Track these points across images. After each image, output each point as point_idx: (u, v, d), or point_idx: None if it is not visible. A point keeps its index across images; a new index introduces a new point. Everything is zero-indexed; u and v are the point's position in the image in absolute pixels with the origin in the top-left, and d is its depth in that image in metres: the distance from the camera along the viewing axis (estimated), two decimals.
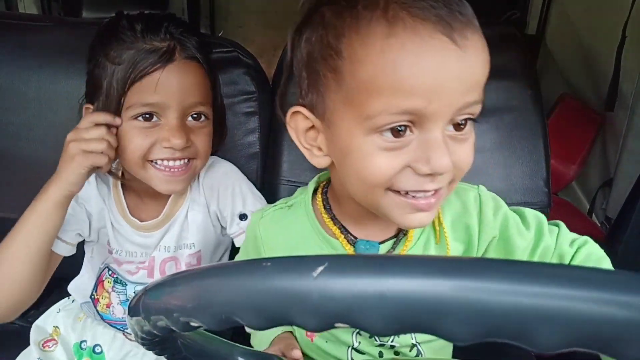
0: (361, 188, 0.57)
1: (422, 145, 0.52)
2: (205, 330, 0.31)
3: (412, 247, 0.66)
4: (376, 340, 0.70)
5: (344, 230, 0.66)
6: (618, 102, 1.56)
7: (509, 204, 0.99)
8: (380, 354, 0.71)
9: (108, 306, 0.94)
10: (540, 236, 0.69)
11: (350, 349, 0.72)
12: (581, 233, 1.49)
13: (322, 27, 0.55)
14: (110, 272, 0.93)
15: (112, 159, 0.78)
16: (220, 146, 0.92)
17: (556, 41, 2.07)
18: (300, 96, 0.61)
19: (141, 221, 0.89)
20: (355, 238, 0.66)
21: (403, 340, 0.70)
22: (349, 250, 0.66)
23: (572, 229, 1.45)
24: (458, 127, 0.54)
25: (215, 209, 0.91)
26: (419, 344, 0.72)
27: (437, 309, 0.23)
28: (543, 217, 0.71)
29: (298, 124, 0.60)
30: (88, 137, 0.75)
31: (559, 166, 1.61)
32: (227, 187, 0.90)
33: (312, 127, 0.60)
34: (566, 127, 1.65)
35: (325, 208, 0.68)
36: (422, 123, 0.51)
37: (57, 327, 0.97)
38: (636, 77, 1.48)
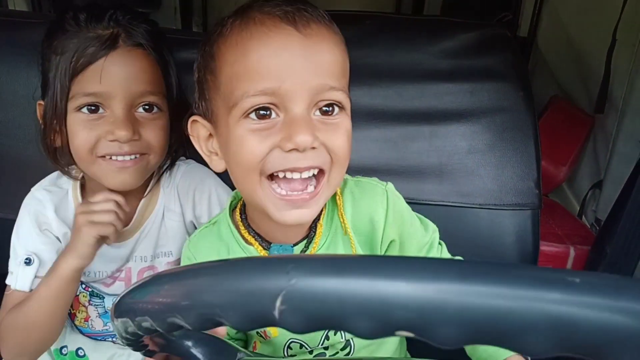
0: (241, 177, 0.62)
1: (285, 125, 0.58)
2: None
3: (322, 244, 0.69)
4: (307, 348, 0.73)
5: (257, 237, 0.69)
6: (608, 104, 1.57)
7: (500, 205, 1.00)
8: (311, 352, 0.74)
9: (86, 320, 0.91)
10: (430, 248, 0.76)
11: (286, 345, 0.74)
12: (571, 234, 1.50)
13: (206, 42, 0.64)
14: (84, 287, 0.89)
15: (119, 229, 0.76)
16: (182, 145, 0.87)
17: (547, 43, 2.08)
18: (195, 107, 0.68)
19: None
20: (269, 243, 0.69)
21: (333, 340, 0.72)
22: (264, 255, 0.68)
23: (562, 230, 1.46)
24: (325, 113, 0.60)
25: (191, 216, 0.89)
26: (351, 339, 0.73)
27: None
28: (437, 232, 0.78)
29: (199, 131, 0.67)
30: (96, 209, 0.74)
31: (550, 167, 1.62)
32: (203, 192, 0.88)
33: (210, 135, 0.65)
34: (557, 129, 1.66)
35: (241, 218, 0.71)
36: (283, 104, 0.57)
37: None
38: (626, 79, 1.49)
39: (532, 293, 0.22)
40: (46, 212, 0.83)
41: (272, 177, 0.60)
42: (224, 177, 0.94)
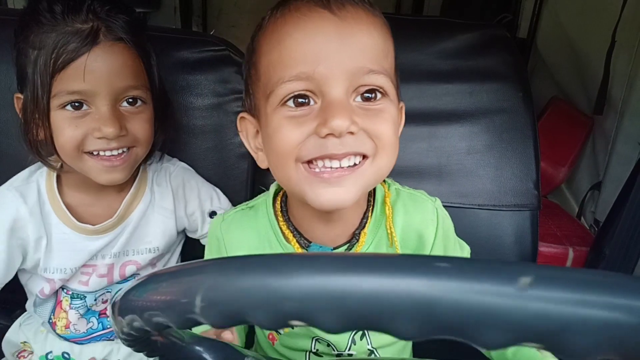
0: (279, 166, 0.59)
1: (322, 110, 0.55)
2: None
3: (364, 250, 0.67)
4: (334, 350, 0.71)
5: (296, 234, 0.67)
6: (608, 106, 1.57)
7: (499, 206, 1.00)
8: (339, 355, 0.72)
9: (67, 327, 0.89)
10: None
11: (308, 353, 0.73)
12: (570, 235, 1.50)
13: (251, 39, 0.64)
14: (65, 291, 0.88)
15: None
16: (168, 137, 0.87)
17: (547, 45, 2.08)
18: (243, 105, 0.68)
19: (91, 224, 0.83)
20: (309, 242, 0.67)
21: (359, 347, 0.71)
22: None
23: (560, 231, 1.46)
24: (367, 99, 0.57)
25: (183, 214, 0.89)
26: (375, 349, 0.72)
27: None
28: (470, 254, 0.78)
29: (247, 128, 0.66)
30: None
31: (549, 168, 1.62)
32: (192, 189, 0.90)
33: (257, 132, 0.64)
34: (556, 130, 1.66)
35: (282, 211, 0.69)
36: (319, 88, 0.55)
37: (24, 342, 0.94)
38: (626, 80, 1.49)
39: (398, 280, 0.24)
40: (22, 211, 0.81)
41: (309, 164, 0.57)
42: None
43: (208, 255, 0.79)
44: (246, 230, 0.71)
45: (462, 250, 0.76)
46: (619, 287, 0.22)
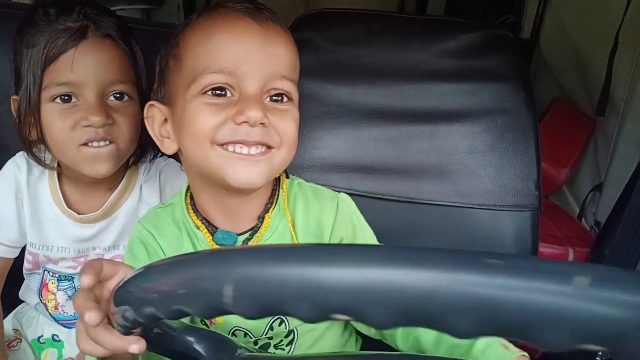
0: (194, 148, 0.65)
1: (240, 102, 0.62)
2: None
3: (268, 236, 0.72)
4: (251, 338, 0.74)
5: (205, 221, 0.72)
6: (610, 107, 1.57)
7: (500, 206, 1.00)
8: (255, 343, 0.75)
9: (56, 307, 0.94)
10: None
11: (230, 331, 0.75)
12: (570, 236, 1.50)
13: (171, 35, 0.70)
14: (51, 274, 0.92)
15: None
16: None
17: (550, 46, 2.08)
18: (154, 93, 0.73)
19: (79, 214, 0.88)
20: (216, 229, 0.71)
21: (277, 331, 0.74)
22: (209, 239, 0.71)
23: (561, 232, 1.46)
24: (275, 101, 0.65)
25: None
26: (295, 328, 0.75)
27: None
28: None
29: (154, 115, 0.71)
30: None
31: (550, 169, 1.62)
32: (179, 185, 0.89)
33: (165, 120, 0.69)
34: (558, 131, 1.66)
35: (191, 204, 0.74)
36: (238, 84, 0.63)
37: (16, 329, 0.97)
38: (628, 82, 1.49)
39: (454, 276, 0.23)
40: (21, 179, 0.87)
41: (222, 146, 0.63)
42: None
43: (135, 262, 0.77)
44: (167, 224, 0.75)
45: (365, 236, 0.78)
46: None
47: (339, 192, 0.78)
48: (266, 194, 0.74)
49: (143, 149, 0.88)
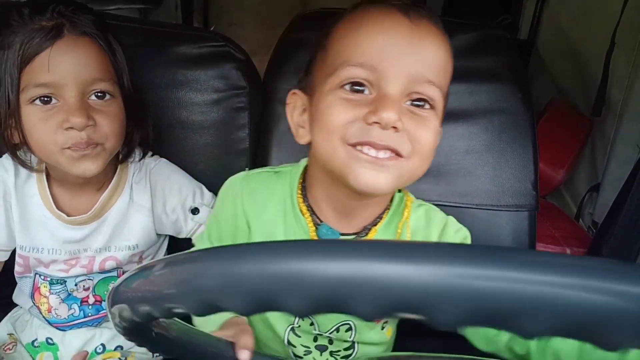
0: (323, 142, 0.62)
1: (375, 100, 0.59)
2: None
3: None
4: (315, 330, 0.74)
5: (311, 211, 0.71)
6: (607, 108, 1.57)
7: (498, 206, 1.00)
8: (315, 339, 0.75)
9: (49, 311, 0.92)
10: None
11: (289, 327, 0.75)
12: (568, 236, 1.50)
13: (324, 26, 0.68)
14: (42, 277, 0.91)
15: None
16: (146, 135, 0.89)
17: (547, 46, 2.08)
18: (299, 82, 0.71)
19: (69, 216, 0.86)
20: (321, 221, 0.70)
21: (341, 335, 0.74)
22: (312, 230, 0.70)
23: (558, 232, 1.46)
24: (416, 106, 0.61)
25: (161, 211, 0.90)
26: (357, 342, 0.75)
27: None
28: None
29: (296, 103, 0.70)
30: None
31: (548, 170, 1.62)
32: (173, 187, 0.91)
33: (304, 110, 0.68)
34: (555, 132, 1.66)
35: (301, 185, 0.73)
36: (378, 82, 0.59)
37: (10, 333, 0.96)
38: (625, 83, 1.49)
39: (528, 276, 0.23)
40: (8, 181, 0.86)
41: (352, 147, 0.60)
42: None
43: (216, 210, 0.81)
44: (265, 191, 0.74)
45: None
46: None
47: None
48: (383, 205, 0.71)
49: (130, 147, 0.86)
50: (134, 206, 0.89)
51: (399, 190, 0.75)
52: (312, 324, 0.74)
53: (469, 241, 0.76)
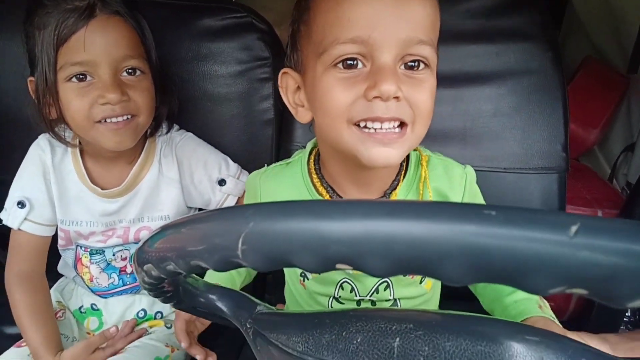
0: (329, 126, 0.62)
1: (372, 74, 0.58)
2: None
3: None
4: (356, 296, 0.75)
5: (330, 190, 0.72)
6: None
7: (526, 169, 0.99)
8: (358, 303, 0.76)
9: (91, 280, 0.98)
10: None
11: (331, 298, 0.77)
12: (600, 198, 1.47)
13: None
14: (83, 249, 0.96)
15: None
16: (172, 109, 0.93)
17: (582, 2, 1.99)
18: (287, 59, 0.70)
19: (103, 189, 0.91)
20: (341, 197, 0.71)
21: (382, 295, 0.75)
22: None
23: (590, 194, 1.43)
24: (411, 68, 0.60)
25: (189, 183, 0.95)
26: (398, 299, 0.76)
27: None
28: None
29: (288, 83, 0.69)
30: None
31: (580, 131, 1.58)
32: (199, 160, 0.95)
33: (299, 88, 0.68)
34: (589, 91, 1.61)
35: (315, 168, 0.74)
36: (370, 53, 0.58)
37: (59, 301, 1.02)
38: None
39: (449, 226, 0.24)
40: (46, 160, 0.91)
41: (358, 126, 0.61)
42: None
43: (245, 201, 0.84)
44: (282, 184, 0.76)
45: None
46: None
47: None
48: (398, 166, 0.73)
49: (158, 121, 0.90)
50: (164, 179, 0.93)
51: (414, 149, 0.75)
52: (352, 290, 0.75)
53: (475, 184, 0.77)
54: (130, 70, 0.82)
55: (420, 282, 0.78)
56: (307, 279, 0.79)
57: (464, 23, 0.97)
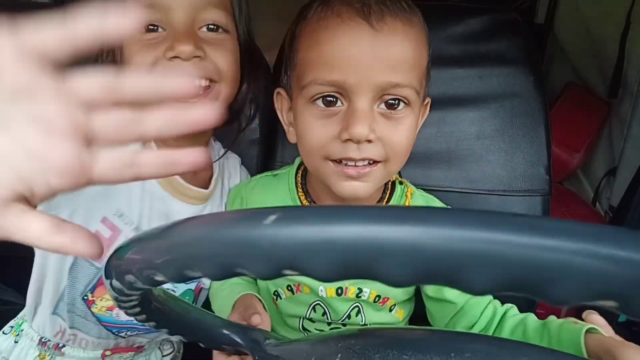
0: (308, 156, 0.66)
1: (347, 115, 0.60)
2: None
3: None
4: (328, 319, 0.76)
5: (313, 204, 0.73)
6: (623, 89, 1.54)
7: (510, 191, 1.00)
8: (329, 324, 0.77)
9: (110, 309, 0.77)
10: None
11: (302, 319, 0.78)
12: (583, 221, 1.47)
13: (294, 21, 0.67)
14: None
15: None
16: (258, 91, 0.77)
17: (564, 30, 2.04)
18: (280, 80, 0.72)
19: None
20: None
21: (353, 320, 0.76)
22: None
23: (573, 217, 1.45)
24: (391, 106, 0.61)
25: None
26: (369, 325, 0.76)
27: (377, 253, 0.24)
28: None
29: (282, 103, 0.71)
30: None
31: (563, 154, 1.60)
32: (233, 182, 0.90)
33: (290, 108, 0.70)
34: (572, 115, 1.64)
35: (301, 184, 0.76)
36: (348, 95, 0.60)
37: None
38: None
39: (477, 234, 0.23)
40: None
41: (333, 160, 0.64)
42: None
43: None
44: (268, 195, 0.77)
45: None
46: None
47: None
48: (377, 194, 0.75)
49: (238, 106, 0.74)
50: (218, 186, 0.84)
51: (400, 183, 0.78)
52: (324, 313, 0.76)
53: None
54: (211, 26, 0.66)
55: (390, 310, 0.78)
56: (280, 299, 0.78)
57: (447, 47, 0.99)
